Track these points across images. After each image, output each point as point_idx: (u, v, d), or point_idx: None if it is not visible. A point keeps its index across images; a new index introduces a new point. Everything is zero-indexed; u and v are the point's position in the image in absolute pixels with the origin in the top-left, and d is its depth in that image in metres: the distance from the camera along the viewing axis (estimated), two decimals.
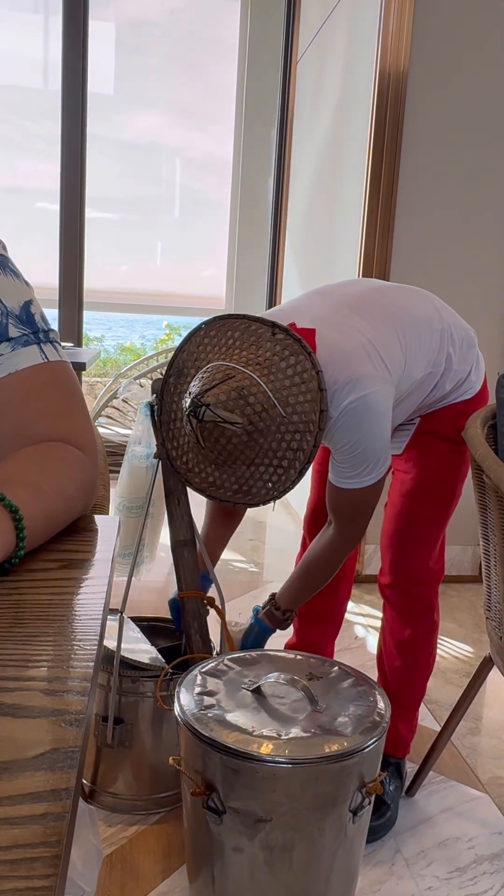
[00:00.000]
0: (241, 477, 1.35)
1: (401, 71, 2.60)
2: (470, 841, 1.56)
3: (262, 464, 1.32)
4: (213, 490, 1.41)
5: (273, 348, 1.30)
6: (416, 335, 1.42)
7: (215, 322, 1.38)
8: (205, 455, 1.35)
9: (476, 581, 2.98)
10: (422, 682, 1.67)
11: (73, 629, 0.59)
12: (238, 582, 2.83)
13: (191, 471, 1.43)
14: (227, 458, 1.32)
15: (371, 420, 1.35)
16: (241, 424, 1.25)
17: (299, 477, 1.32)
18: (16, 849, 0.36)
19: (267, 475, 1.33)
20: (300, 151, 3.84)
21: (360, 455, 1.37)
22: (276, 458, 1.31)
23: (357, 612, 2.64)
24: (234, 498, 1.39)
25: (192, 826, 1.22)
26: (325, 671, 1.31)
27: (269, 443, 1.29)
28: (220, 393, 1.24)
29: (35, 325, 0.86)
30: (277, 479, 1.33)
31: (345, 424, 1.34)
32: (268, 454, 1.31)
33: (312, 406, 1.28)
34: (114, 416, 3.81)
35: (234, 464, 1.33)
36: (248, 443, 1.28)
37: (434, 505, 1.58)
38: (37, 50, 6.07)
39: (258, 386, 1.25)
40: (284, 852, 1.14)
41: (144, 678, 1.51)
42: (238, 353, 1.31)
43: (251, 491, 1.36)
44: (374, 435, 1.36)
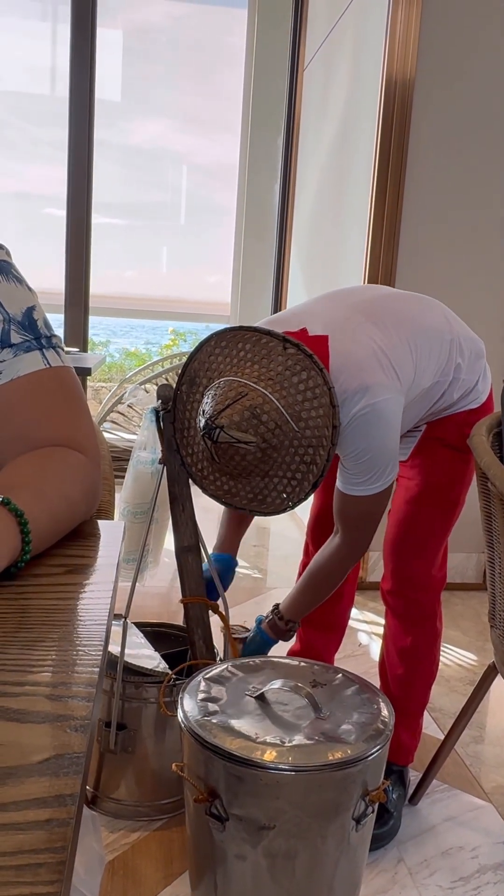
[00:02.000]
0: (255, 487, 1.37)
1: (407, 78, 2.61)
2: (473, 850, 1.56)
3: (276, 475, 1.33)
4: (227, 498, 1.42)
5: (285, 363, 1.30)
6: (426, 344, 1.43)
7: (226, 333, 1.38)
8: (220, 467, 1.36)
9: (480, 589, 2.97)
10: (424, 689, 1.67)
11: (78, 634, 0.59)
12: (242, 588, 2.82)
13: (206, 478, 1.44)
14: (242, 472, 1.33)
15: (380, 428, 1.35)
16: (254, 443, 1.27)
17: (313, 489, 1.33)
18: (21, 854, 0.36)
19: (281, 486, 1.34)
20: (306, 158, 3.85)
21: (369, 462, 1.38)
22: (289, 470, 1.32)
23: (361, 620, 2.63)
24: (248, 506, 1.40)
25: (194, 833, 1.22)
26: (329, 678, 1.31)
27: (283, 457, 1.31)
28: (234, 413, 1.25)
29: (37, 331, 0.86)
30: (291, 490, 1.34)
31: (354, 431, 1.34)
32: (282, 467, 1.32)
33: (325, 421, 1.29)
34: (119, 421, 3.82)
35: (248, 476, 1.34)
36: (263, 458, 1.30)
37: (438, 512, 1.57)
38: (44, 57, 6.10)
39: (271, 403, 1.27)
40: (287, 860, 1.13)
41: (148, 684, 1.51)
42: (250, 366, 1.32)
43: (266, 500, 1.38)
44: (383, 443, 1.37)
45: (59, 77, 5.58)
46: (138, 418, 3.72)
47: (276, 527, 3.65)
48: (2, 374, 0.83)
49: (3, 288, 0.85)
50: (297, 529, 3.58)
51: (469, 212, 2.74)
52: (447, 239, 2.75)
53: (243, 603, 2.66)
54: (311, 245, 3.72)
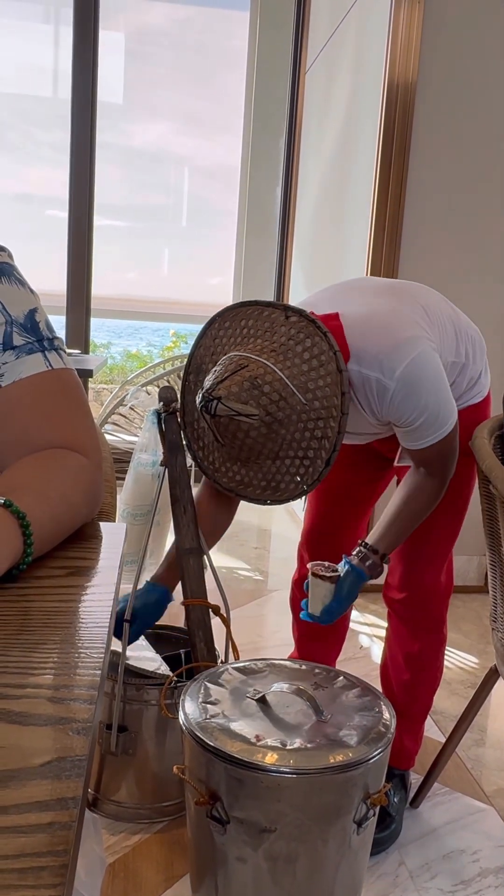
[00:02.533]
0: (267, 473, 1.30)
1: (409, 82, 2.61)
2: (475, 854, 1.55)
3: (287, 457, 1.26)
4: (241, 489, 1.35)
5: (288, 332, 1.25)
6: (439, 320, 1.40)
7: (228, 312, 1.34)
8: (228, 452, 1.29)
9: (482, 591, 2.97)
10: (429, 695, 1.66)
11: (80, 637, 0.59)
12: (243, 590, 2.82)
13: (217, 470, 1.37)
14: (250, 454, 1.26)
15: (430, 381, 1.29)
16: (257, 416, 1.19)
17: (327, 467, 1.25)
18: (23, 857, 0.36)
19: (294, 468, 1.27)
20: (308, 161, 3.85)
21: (430, 418, 1.31)
22: (300, 448, 1.25)
23: (362, 622, 2.63)
24: (263, 496, 1.32)
25: (195, 835, 1.22)
26: (331, 681, 1.31)
27: (292, 433, 1.23)
28: (233, 384, 1.19)
29: (39, 333, 0.87)
30: (305, 471, 1.27)
31: (406, 394, 1.28)
32: (292, 446, 1.25)
33: (333, 390, 1.22)
34: (120, 423, 3.82)
35: (258, 459, 1.27)
36: (269, 435, 1.23)
37: (447, 518, 1.56)
38: (47, 59, 6.11)
39: (273, 374, 1.20)
40: (288, 863, 1.13)
41: (149, 686, 1.51)
42: (253, 341, 1.26)
43: (280, 487, 1.30)
44: (436, 395, 1.30)
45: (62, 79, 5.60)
46: (140, 420, 3.72)
47: (276, 529, 3.65)
48: (4, 377, 0.84)
49: (5, 290, 0.86)
50: (297, 530, 3.57)
51: (471, 214, 2.74)
52: (449, 242, 2.75)
53: (245, 605, 2.66)
54: (313, 247, 3.73)
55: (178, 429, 1.57)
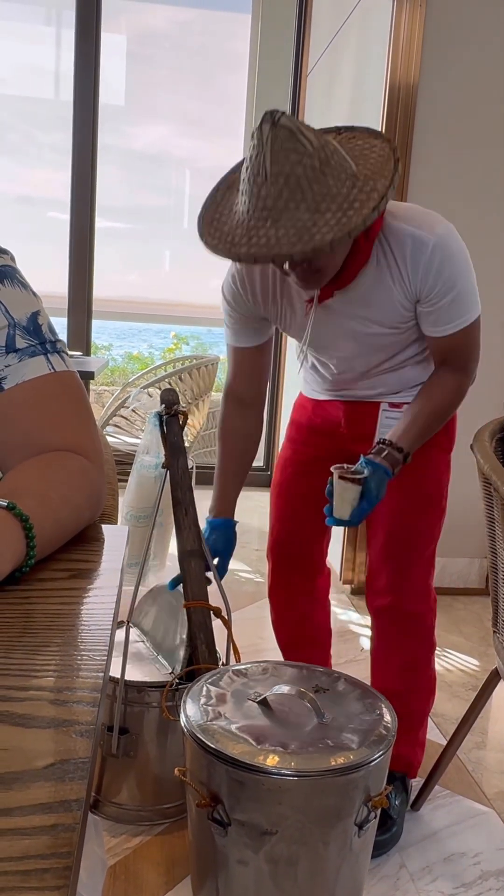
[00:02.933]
0: (301, 225, 1.15)
1: (411, 84, 2.61)
2: (476, 856, 1.55)
3: (328, 210, 1.15)
4: (267, 249, 1.16)
5: (338, 138, 1.26)
6: None
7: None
8: (263, 201, 1.16)
9: (483, 594, 2.96)
10: (425, 703, 1.64)
11: (83, 639, 0.59)
12: (244, 592, 2.82)
13: (238, 242, 1.20)
14: (291, 196, 1.14)
15: (462, 253, 1.32)
16: (315, 144, 1.14)
17: (373, 214, 1.15)
18: (27, 859, 0.36)
19: (334, 220, 1.15)
20: None
21: (461, 294, 1.33)
22: (346, 201, 1.16)
23: (362, 624, 2.63)
24: (293, 249, 1.14)
25: (196, 838, 1.22)
26: (332, 683, 1.31)
27: (339, 188, 1.16)
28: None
29: (42, 336, 0.87)
30: (347, 219, 1.15)
31: (442, 258, 1.29)
32: (336, 199, 1.15)
33: (385, 160, 1.21)
34: (121, 425, 3.82)
35: (297, 207, 1.15)
36: (318, 176, 1.14)
37: (430, 516, 1.56)
38: (49, 61, 6.12)
39: (331, 142, 1.19)
40: (289, 866, 1.13)
41: (150, 688, 1.51)
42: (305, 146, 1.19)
43: (314, 237, 1.14)
44: (468, 271, 1.33)
45: (64, 81, 5.60)
46: (141, 422, 3.73)
47: None
48: (7, 379, 0.84)
49: (7, 293, 0.86)
50: None
51: (472, 216, 2.74)
52: None
53: (245, 607, 2.66)
54: None
55: (179, 431, 1.58)
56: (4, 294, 0.86)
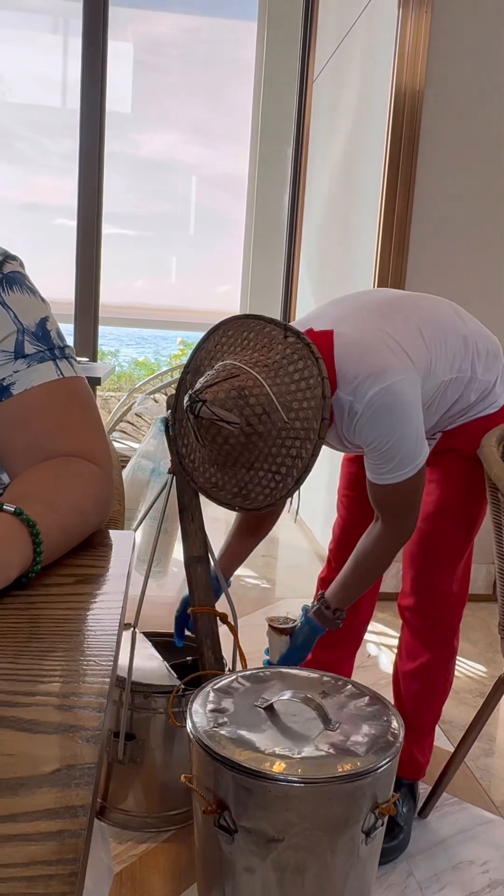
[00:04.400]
0: (240, 480, 1.32)
1: (416, 90, 2.62)
2: (484, 864, 1.54)
3: (260, 469, 1.29)
4: (214, 491, 1.38)
5: (283, 351, 1.27)
6: (439, 334, 1.40)
7: (234, 322, 1.36)
8: (206, 454, 1.33)
9: (490, 600, 2.95)
10: (437, 706, 1.65)
11: (89, 645, 0.59)
12: (250, 599, 2.82)
13: (196, 469, 1.41)
14: (227, 459, 1.29)
15: (399, 410, 1.30)
16: (237, 425, 1.22)
17: (296, 486, 1.28)
18: (33, 866, 0.36)
19: (265, 481, 1.30)
20: (315, 170, 3.86)
21: (393, 448, 1.33)
22: (274, 463, 1.28)
23: (370, 631, 2.62)
24: (233, 501, 1.35)
25: (203, 845, 1.22)
26: (339, 690, 1.30)
27: (269, 447, 1.26)
28: (220, 391, 1.21)
29: (50, 342, 0.87)
30: (275, 485, 1.29)
31: (372, 418, 1.30)
32: (267, 459, 1.27)
33: (315, 413, 1.25)
34: (128, 430, 3.82)
35: (233, 466, 1.30)
36: (247, 445, 1.25)
37: (458, 528, 1.55)
38: (56, 69, 6.15)
39: (261, 388, 1.23)
40: (296, 873, 1.12)
41: (156, 694, 1.51)
42: (249, 353, 1.29)
43: (249, 496, 1.33)
44: (404, 426, 1.32)
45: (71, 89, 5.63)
46: (147, 428, 3.73)
47: (284, 536, 3.65)
48: (16, 385, 0.84)
49: (17, 299, 0.86)
50: (305, 539, 3.58)
51: (478, 222, 2.75)
52: (457, 249, 2.75)
53: (251, 613, 2.65)
54: (321, 255, 3.73)
55: None
56: (13, 300, 0.86)
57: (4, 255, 0.89)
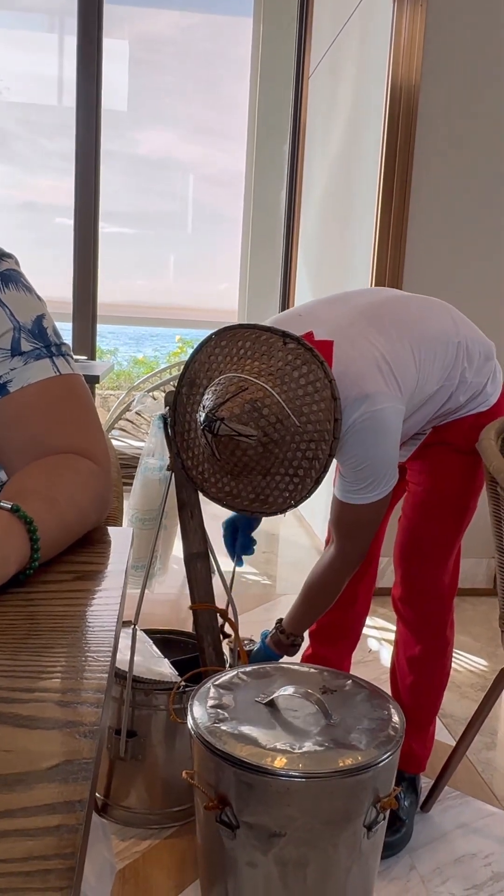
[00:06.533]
0: (257, 486, 1.35)
1: (412, 85, 2.61)
2: (487, 857, 1.54)
3: (277, 473, 1.32)
4: (230, 500, 1.41)
5: (285, 357, 1.30)
6: (431, 349, 1.42)
7: (225, 332, 1.38)
8: (220, 466, 1.35)
9: (491, 594, 2.95)
10: (435, 698, 1.65)
11: (87, 641, 0.59)
12: (251, 595, 2.82)
13: (206, 481, 1.43)
14: (243, 469, 1.32)
15: (379, 436, 1.35)
16: (255, 437, 1.25)
17: (315, 485, 1.32)
18: (31, 860, 0.36)
19: (283, 484, 1.33)
20: (312, 166, 3.86)
21: (367, 470, 1.37)
22: (291, 467, 1.31)
23: (370, 625, 2.62)
24: (251, 507, 1.38)
25: (205, 841, 1.22)
26: (339, 684, 1.30)
27: (285, 453, 1.29)
28: (235, 406, 1.24)
29: (47, 339, 0.87)
30: (294, 488, 1.33)
31: (353, 439, 1.34)
32: (283, 464, 1.31)
33: (326, 415, 1.28)
34: (127, 428, 3.83)
35: (249, 474, 1.33)
36: (264, 454, 1.28)
37: (447, 520, 1.56)
38: (52, 68, 6.14)
39: (272, 397, 1.26)
40: (298, 868, 1.13)
41: (157, 691, 1.51)
42: (250, 363, 1.31)
43: (268, 500, 1.36)
44: (381, 451, 1.36)
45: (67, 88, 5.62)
46: (146, 425, 3.73)
47: (284, 533, 3.65)
48: (12, 382, 0.84)
49: (13, 297, 0.87)
50: (306, 535, 3.58)
51: (475, 217, 2.74)
52: (454, 244, 2.75)
53: (252, 610, 2.65)
54: (318, 252, 3.73)
55: None
56: (9, 298, 0.86)
57: (0, 254, 0.89)
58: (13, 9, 5.14)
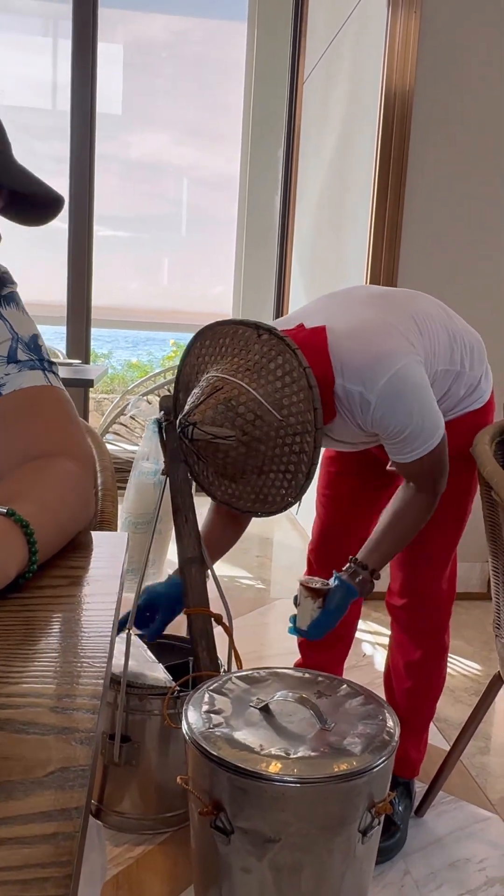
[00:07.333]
0: (255, 486, 1.33)
1: (406, 90, 2.62)
2: (481, 862, 1.54)
3: (270, 471, 1.29)
4: (234, 501, 1.39)
5: (261, 350, 1.26)
6: (433, 327, 1.40)
7: (207, 331, 1.36)
8: (216, 470, 1.33)
9: (485, 598, 2.96)
10: (431, 704, 1.65)
11: (82, 646, 0.59)
12: (245, 599, 2.82)
13: (212, 484, 1.41)
14: (235, 471, 1.30)
15: (411, 395, 1.29)
16: (233, 437, 1.22)
17: (308, 479, 1.28)
18: (27, 868, 0.36)
19: (279, 482, 1.30)
20: (307, 169, 3.87)
21: (415, 431, 1.31)
22: (282, 463, 1.27)
23: (364, 630, 2.62)
24: (254, 507, 1.36)
25: (199, 846, 1.21)
26: (334, 689, 1.30)
27: (272, 449, 1.26)
28: (208, 409, 1.22)
29: (41, 354, 0.94)
30: (289, 484, 1.30)
31: (388, 409, 1.29)
32: (273, 461, 1.27)
33: (307, 405, 1.24)
34: (121, 432, 3.82)
35: (243, 475, 1.31)
36: (249, 453, 1.25)
37: (446, 526, 1.55)
38: (46, 72, 6.14)
39: (248, 394, 1.22)
40: (293, 873, 1.12)
41: (152, 696, 1.50)
42: (230, 359, 1.28)
43: (268, 499, 1.34)
44: (420, 408, 1.31)
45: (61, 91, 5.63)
46: (140, 429, 3.73)
47: (278, 537, 3.65)
48: (5, 386, 0.88)
49: (13, 314, 0.94)
50: (299, 539, 3.58)
51: (469, 220, 2.75)
52: (448, 248, 2.75)
53: (247, 614, 2.65)
54: (312, 255, 3.73)
55: (178, 437, 1.58)
56: (10, 314, 0.93)
57: (4, 274, 0.95)
58: (7, 12, 5.14)
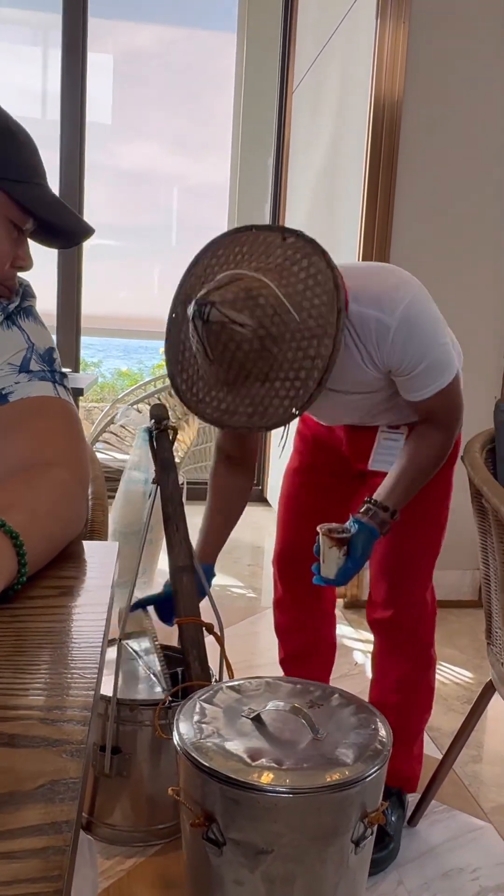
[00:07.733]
0: (255, 397, 1.22)
1: (395, 100, 2.64)
2: (474, 872, 1.54)
3: (277, 378, 1.19)
4: (226, 418, 1.26)
5: (284, 253, 1.21)
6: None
7: (223, 239, 1.27)
8: (215, 375, 1.22)
9: (476, 606, 2.96)
10: (421, 717, 1.64)
11: (73, 657, 0.59)
12: (236, 608, 2.81)
13: (202, 401, 1.28)
14: (239, 373, 1.19)
15: (429, 323, 1.29)
16: (251, 327, 1.13)
17: (319, 388, 1.17)
18: (16, 884, 0.35)
19: (284, 391, 1.19)
20: (296, 179, 3.88)
21: (432, 362, 1.30)
22: (291, 369, 1.18)
23: (356, 638, 2.62)
24: (249, 422, 1.23)
25: (191, 858, 1.20)
26: (326, 699, 1.30)
27: (284, 353, 1.17)
28: (228, 292, 1.13)
29: (54, 367, 0.96)
30: (295, 392, 1.19)
31: (407, 335, 1.27)
32: (283, 366, 1.18)
33: (329, 307, 1.17)
34: (111, 441, 3.81)
35: (246, 380, 1.20)
36: (261, 352, 1.16)
37: (431, 532, 1.55)
38: (35, 81, 6.15)
39: (269, 288, 1.15)
40: (286, 884, 1.11)
41: (143, 706, 1.49)
42: (248, 264, 1.22)
43: (267, 411, 1.22)
44: (436, 338, 1.30)
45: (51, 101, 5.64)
46: (131, 438, 3.72)
47: (270, 546, 3.64)
48: (13, 394, 0.90)
49: (31, 326, 0.97)
50: None
51: (457, 229, 2.77)
52: (436, 257, 2.77)
53: (238, 623, 2.64)
54: None
55: (169, 446, 1.57)
56: (28, 326, 0.96)
57: (26, 287, 0.99)
58: None
